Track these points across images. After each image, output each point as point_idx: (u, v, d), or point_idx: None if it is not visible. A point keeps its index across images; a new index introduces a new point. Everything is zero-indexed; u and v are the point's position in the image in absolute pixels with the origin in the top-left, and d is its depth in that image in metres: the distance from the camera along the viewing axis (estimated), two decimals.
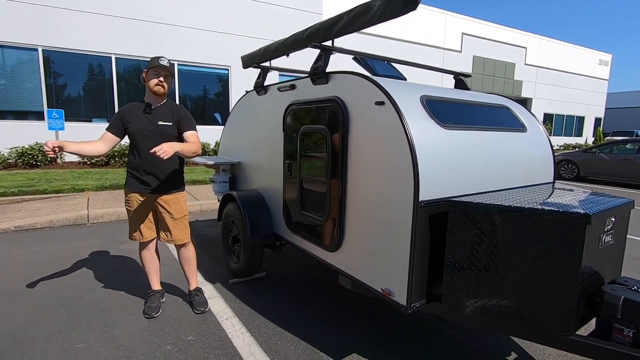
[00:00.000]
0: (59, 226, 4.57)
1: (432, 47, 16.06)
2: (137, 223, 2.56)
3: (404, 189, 1.75)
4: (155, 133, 2.45)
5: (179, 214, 2.58)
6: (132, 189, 2.49)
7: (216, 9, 10.35)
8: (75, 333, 2.32)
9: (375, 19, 1.95)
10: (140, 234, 2.58)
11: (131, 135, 2.45)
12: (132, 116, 2.44)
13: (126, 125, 2.43)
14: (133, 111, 2.46)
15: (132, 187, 2.49)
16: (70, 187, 5.96)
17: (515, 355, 2.24)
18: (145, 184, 2.47)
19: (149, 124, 2.44)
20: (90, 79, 9.19)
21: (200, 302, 2.65)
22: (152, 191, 2.49)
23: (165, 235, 2.61)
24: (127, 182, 2.52)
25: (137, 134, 2.43)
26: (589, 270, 1.61)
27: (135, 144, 2.44)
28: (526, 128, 2.49)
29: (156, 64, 2.38)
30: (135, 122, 2.43)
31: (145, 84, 2.45)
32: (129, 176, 2.51)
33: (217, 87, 10.94)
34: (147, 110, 2.45)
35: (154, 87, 2.41)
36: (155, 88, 2.41)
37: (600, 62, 23.50)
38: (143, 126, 2.43)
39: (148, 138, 2.43)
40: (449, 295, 1.81)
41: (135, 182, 2.48)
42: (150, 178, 2.47)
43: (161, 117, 2.48)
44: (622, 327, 1.57)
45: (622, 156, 9.38)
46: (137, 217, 2.54)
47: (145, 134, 2.42)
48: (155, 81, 2.40)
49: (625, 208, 1.82)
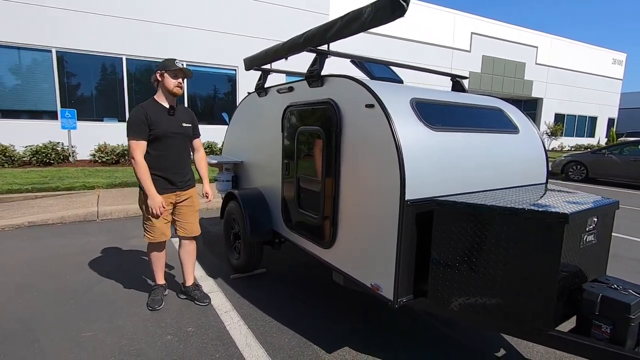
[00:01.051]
0: (69, 222, 4.75)
1: (441, 47, 15.99)
2: (158, 223, 2.55)
3: (390, 188, 1.82)
4: (179, 134, 2.57)
5: (197, 205, 2.76)
6: (159, 191, 2.47)
7: (224, 10, 10.51)
8: (82, 322, 2.45)
9: (366, 24, 2.02)
10: (163, 234, 2.60)
11: (157, 138, 2.46)
12: (156, 118, 2.45)
13: (152, 128, 2.43)
14: (155, 113, 2.46)
15: (158, 189, 2.47)
16: (81, 185, 6.15)
17: (504, 351, 2.29)
18: (172, 184, 2.55)
19: (174, 125, 2.54)
20: (102, 79, 9.44)
21: (204, 296, 2.77)
22: (179, 189, 2.59)
23: (183, 229, 2.71)
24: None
25: (165, 136, 2.48)
26: (569, 269, 1.66)
27: (162, 145, 2.48)
28: (519, 129, 2.53)
29: (175, 67, 2.45)
30: (162, 124, 2.47)
31: (159, 85, 2.50)
32: (156, 179, 2.47)
33: (225, 87, 11.11)
34: (171, 112, 2.54)
35: (174, 89, 2.49)
36: (175, 90, 2.49)
37: (614, 61, 23.05)
38: (170, 128, 2.51)
39: (173, 139, 2.54)
40: (435, 291, 1.88)
41: (163, 183, 2.51)
42: (178, 177, 2.57)
43: (183, 119, 2.61)
44: (600, 323, 1.62)
45: (633, 157, 9.24)
46: (162, 218, 2.55)
47: (171, 135, 2.52)
48: (175, 83, 2.48)
49: (609, 208, 1.86)
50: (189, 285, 2.82)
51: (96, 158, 8.45)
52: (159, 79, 2.50)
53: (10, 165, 7.76)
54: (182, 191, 2.63)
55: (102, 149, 8.54)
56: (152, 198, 2.41)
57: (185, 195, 2.66)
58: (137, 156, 2.39)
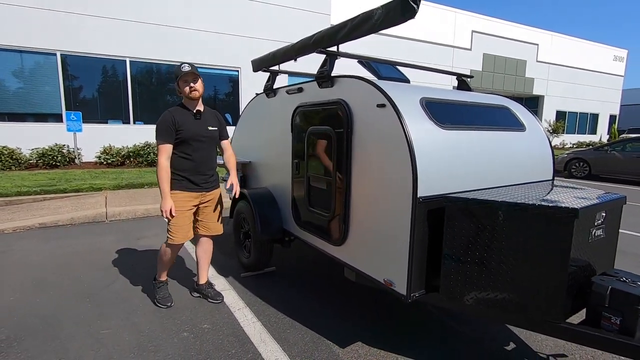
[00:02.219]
0: (79, 223, 4.81)
1: (442, 46, 16.02)
2: (183, 223, 2.59)
3: (403, 186, 1.87)
4: (206, 137, 2.63)
5: (221, 205, 2.83)
6: (184, 190, 2.55)
7: (226, 12, 10.56)
8: (100, 320, 2.50)
9: (377, 26, 2.07)
10: (186, 236, 2.62)
11: (185, 140, 2.53)
12: (183, 121, 2.52)
13: (179, 130, 2.49)
14: (182, 116, 2.53)
15: (184, 189, 2.55)
16: (88, 187, 6.22)
17: (514, 345, 2.34)
18: (196, 184, 2.61)
19: (201, 129, 2.60)
20: (106, 82, 9.51)
21: (217, 294, 2.82)
22: (203, 189, 2.65)
23: (207, 229, 2.76)
24: (174, 184, 2.53)
25: (192, 139, 2.54)
26: (578, 262, 1.71)
27: (189, 148, 2.55)
28: (525, 127, 2.58)
29: (182, 73, 2.49)
30: (189, 127, 2.54)
31: (181, 93, 2.57)
32: (178, 179, 2.55)
33: (227, 88, 11.17)
34: (198, 116, 2.60)
35: (190, 94, 2.53)
36: (192, 94, 2.53)
37: (615, 58, 23.02)
38: (197, 131, 2.57)
39: (200, 142, 2.60)
40: (447, 286, 1.92)
41: (187, 183, 2.56)
42: (201, 178, 2.63)
43: (209, 122, 2.67)
44: (610, 315, 1.66)
45: (635, 154, 9.26)
46: (183, 217, 2.58)
47: (198, 138, 2.58)
48: (188, 88, 2.52)
49: (616, 203, 1.90)
50: (203, 284, 2.87)
51: (102, 160, 8.52)
52: (178, 88, 2.57)
53: (17, 167, 7.84)
54: (207, 192, 2.69)
55: (107, 150, 8.61)
56: (164, 200, 2.47)
57: (210, 195, 2.72)
58: (161, 158, 2.48)
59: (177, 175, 2.56)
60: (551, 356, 2.24)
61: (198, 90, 2.55)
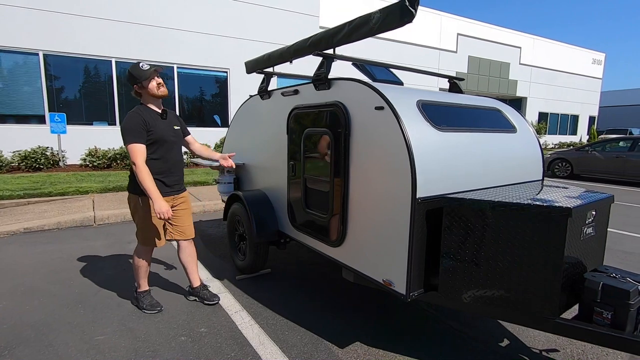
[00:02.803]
0: (66, 227, 4.69)
1: (428, 48, 16.25)
2: (158, 228, 2.57)
3: (402, 187, 1.90)
4: (174, 137, 2.60)
5: (190, 208, 2.79)
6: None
7: (215, 13, 10.48)
8: (93, 326, 2.45)
9: (375, 30, 2.10)
10: (159, 239, 2.61)
11: (155, 142, 2.45)
12: (153, 122, 2.44)
13: (150, 131, 2.42)
14: (151, 117, 2.46)
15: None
16: (74, 190, 6.07)
17: (508, 342, 2.40)
18: (170, 187, 2.57)
19: (169, 129, 2.56)
20: (91, 83, 9.30)
21: (213, 295, 2.81)
22: (175, 192, 2.62)
23: (181, 233, 2.72)
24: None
25: (163, 140, 2.50)
26: (571, 259, 1.77)
27: (161, 149, 2.50)
28: (516, 129, 2.65)
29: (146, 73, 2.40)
30: (159, 128, 2.48)
31: (143, 94, 2.48)
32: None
33: (216, 89, 11.07)
34: (164, 116, 2.56)
35: (159, 91, 2.47)
36: (160, 91, 2.47)
37: (593, 61, 23.79)
38: (166, 132, 2.53)
39: (169, 143, 2.56)
40: (445, 285, 1.96)
41: (161, 187, 2.49)
42: (175, 180, 2.60)
43: (174, 123, 2.64)
44: (602, 310, 1.73)
45: (615, 154, 9.59)
46: (158, 222, 2.55)
47: (168, 139, 2.54)
48: (155, 84, 2.45)
49: (605, 202, 1.98)
50: (197, 287, 2.85)
51: (87, 162, 8.33)
52: (139, 92, 2.49)
53: None
54: (177, 194, 2.66)
55: (93, 153, 8.42)
56: (159, 202, 2.35)
57: (181, 198, 2.69)
58: (138, 161, 2.33)
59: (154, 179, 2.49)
60: (544, 351, 2.30)
61: (165, 86, 2.51)
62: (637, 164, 9.13)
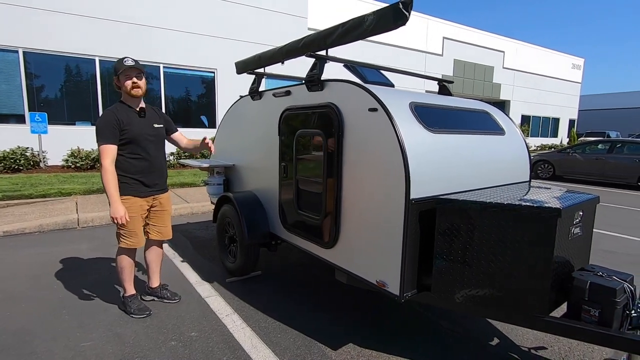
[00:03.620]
0: (48, 230, 4.55)
1: (415, 51, 16.48)
2: (138, 229, 2.53)
3: (396, 188, 1.91)
4: (153, 136, 2.54)
5: (171, 209, 2.77)
6: (136, 194, 2.47)
7: (202, 12, 10.36)
8: (79, 332, 2.38)
9: (368, 32, 2.11)
10: (140, 240, 2.55)
11: (131, 140, 2.42)
12: (128, 121, 2.40)
13: (124, 130, 2.38)
14: (126, 115, 2.42)
15: (135, 193, 2.47)
16: (56, 192, 5.90)
17: (498, 340, 2.43)
18: (148, 187, 2.53)
19: (146, 127, 2.51)
20: (74, 82, 9.06)
21: (173, 294, 2.84)
22: (156, 191, 2.58)
23: (159, 233, 2.70)
24: (124, 189, 2.42)
25: (139, 138, 2.45)
26: (560, 259, 1.81)
27: (138, 148, 2.45)
28: (504, 131, 2.70)
29: (124, 67, 2.37)
30: (135, 126, 2.43)
31: (120, 89, 2.46)
32: (129, 182, 2.45)
33: (203, 89, 10.94)
34: (142, 114, 2.50)
35: (132, 91, 2.42)
36: (133, 91, 2.42)
37: (573, 65, 24.55)
38: (143, 130, 2.48)
39: (148, 141, 2.51)
40: (438, 285, 1.98)
41: (140, 187, 2.48)
42: (154, 180, 2.55)
43: (154, 120, 2.59)
44: (590, 308, 1.77)
45: (594, 156, 9.90)
46: (138, 222, 2.52)
47: (146, 137, 2.49)
48: (130, 83, 2.40)
49: (591, 203, 2.03)
50: (156, 287, 2.82)
51: (69, 163, 8.11)
52: (118, 85, 2.46)
53: None
54: (158, 194, 2.62)
55: (75, 153, 8.20)
56: (115, 206, 2.30)
57: (161, 198, 2.66)
58: (106, 161, 2.30)
59: (128, 179, 2.43)
60: (532, 349, 2.35)
61: (141, 87, 2.45)
62: (615, 166, 9.45)
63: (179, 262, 3.65)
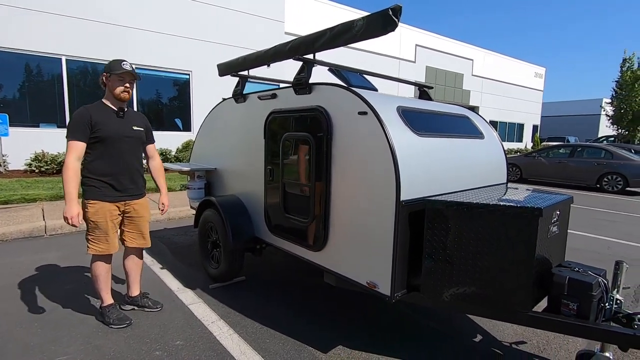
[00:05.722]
0: (12, 239, 4.27)
1: (389, 57, 16.87)
2: (108, 234, 2.39)
3: (386, 190, 1.95)
4: (130, 137, 2.46)
5: (149, 215, 2.66)
6: (104, 199, 2.35)
7: (176, 13, 10.13)
8: (54, 346, 2.24)
9: (357, 37, 2.14)
10: (110, 246, 2.42)
11: (104, 140, 2.32)
12: (103, 120, 2.32)
13: (97, 129, 2.29)
14: (102, 114, 2.33)
15: (103, 197, 2.35)
16: (20, 197, 5.55)
17: (480, 337, 2.52)
18: (120, 191, 2.41)
19: (124, 128, 2.42)
20: (37, 82, 8.58)
21: (155, 302, 2.75)
22: (129, 196, 2.47)
23: (135, 240, 2.59)
24: (92, 192, 2.33)
25: (113, 138, 2.35)
26: (541, 256, 1.90)
27: (110, 149, 2.35)
28: (484, 135, 2.82)
29: (121, 70, 2.32)
30: (109, 126, 2.34)
31: (106, 88, 2.39)
32: (97, 185, 2.34)
33: (177, 92, 10.67)
34: (121, 114, 2.42)
35: (121, 94, 2.37)
36: (122, 95, 2.37)
37: (535, 74, 25.98)
38: (120, 130, 2.39)
39: (123, 142, 2.41)
40: (428, 285, 2.03)
41: (109, 190, 2.36)
42: (126, 184, 2.44)
43: (134, 122, 2.50)
44: (568, 302, 1.87)
45: (557, 160, 10.49)
46: (109, 228, 2.39)
47: (121, 138, 2.40)
48: (122, 88, 2.36)
49: (567, 203, 2.16)
50: (136, 295, 2.71)
51: (33, 167, 7.65)
52: (105, 82, 2.39)
53: None
54: (132, 199, 2.50)
55: (40, 157, 7.75)
56: (69, 205, 2.18)
57: (135, 204, 2.53)
58: (69, 158, 2.21)
59: (97, 181, 2.33)
60: (513, 344, 2.45)
61: (129, 93, 2.42)
62: (575, 169, 10.05)
63: (158, 269, 3.52)
